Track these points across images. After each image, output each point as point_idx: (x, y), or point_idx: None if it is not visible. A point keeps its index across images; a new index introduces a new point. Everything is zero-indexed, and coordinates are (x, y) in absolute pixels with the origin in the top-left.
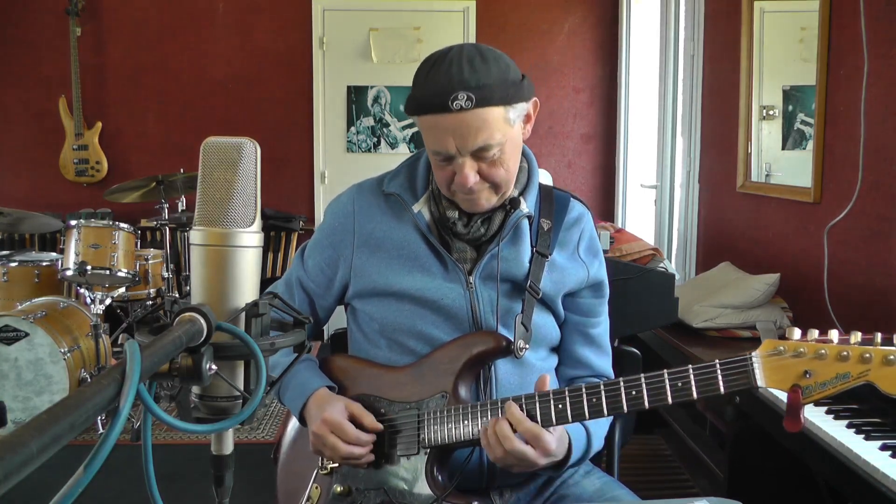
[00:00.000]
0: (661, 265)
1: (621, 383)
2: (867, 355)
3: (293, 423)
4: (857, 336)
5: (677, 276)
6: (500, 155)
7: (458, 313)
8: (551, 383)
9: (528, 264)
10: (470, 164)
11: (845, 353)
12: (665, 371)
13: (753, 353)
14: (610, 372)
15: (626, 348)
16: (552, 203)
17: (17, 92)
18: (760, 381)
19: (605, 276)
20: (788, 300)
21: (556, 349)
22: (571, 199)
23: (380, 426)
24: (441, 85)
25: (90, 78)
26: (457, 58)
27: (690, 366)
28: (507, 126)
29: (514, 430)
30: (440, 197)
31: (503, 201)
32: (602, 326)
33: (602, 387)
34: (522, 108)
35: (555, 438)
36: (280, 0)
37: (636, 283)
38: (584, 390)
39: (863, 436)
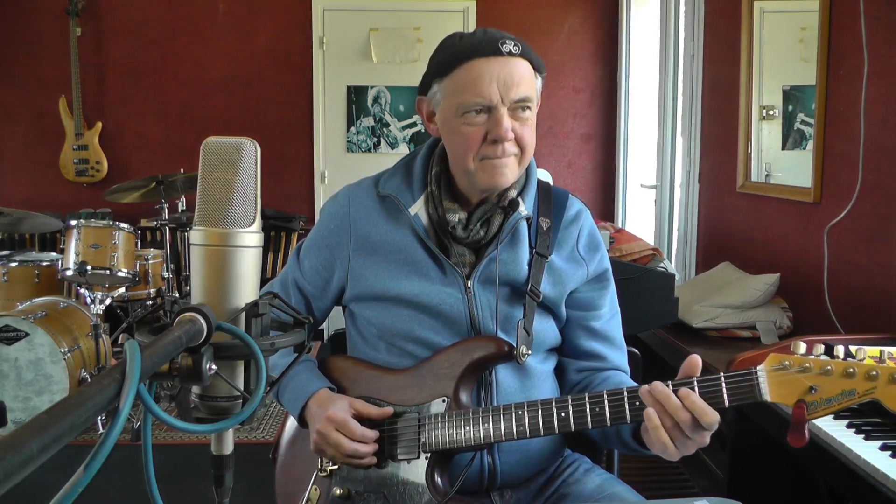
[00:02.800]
0: (661, 265)
1: (625, 393)
2: (874, 373)
3: (292, 424)
4: (863, 352)
5: (677, 276)
6: (531, 116)
7: (457, 318)
8: (550, 388)
9: (527, 267)
10: (507, 117)
11: (851, 369)
12: (669, 382)
13: (759, 367)
14: (624, 366)
15: (627, 348)
16: (550, 201)
17: (17, 92)
18: (766, 396)
19: (607, 266)
20: (788, 300)
21: (553, 351)
22: (570, 196)
23: (390, 411)
24: (487, 35)
25: (90, 78)
26: (487, 29)
27: (695, 378)
28: (536, 91)
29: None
30: (440, 198)
31: (520, 174)
32: (605, 319)
33: (605, 396)
34: (540, 85)
35: None
36: (280, 0)
37: (636, 283)
38: (587, 399)
39: (863, 436)
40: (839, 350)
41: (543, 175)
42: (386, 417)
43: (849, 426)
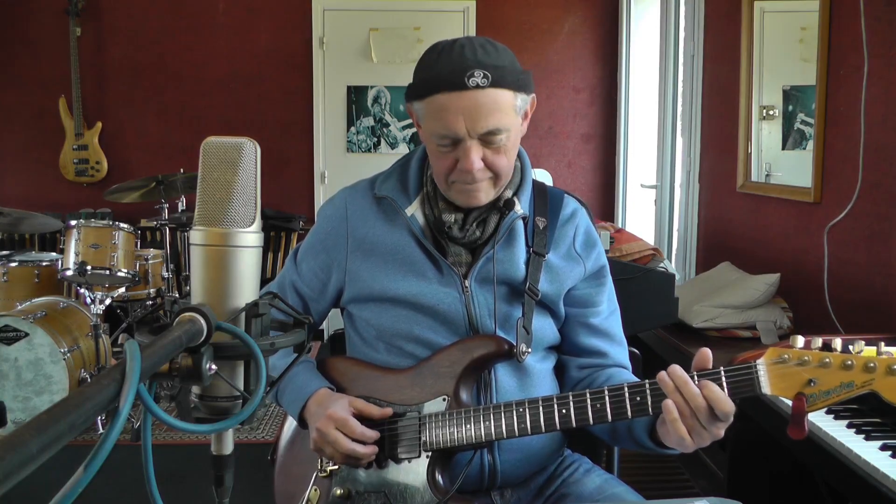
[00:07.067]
0: (661, 265)
1: (625, 389)
2: (871, 364)
3: (291, 424)
4: (860, 345)
5: (677, 276)
6: (505, 142)
7: (455, 318)
8: (550, 387)
9: (524, 266)
10: (476, 148)
11: (849, 361)
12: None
13: (758, 361)
14: (626, 362)
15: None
16: (546, 200)
17: (17, 92)
18: (765, 389)
19: (604, 263)
20: (788, 300)
21: (552, 349)
22: (566, 195)
23: (389, 411)
24: (456, 63)
25: (90, 78)
26: (468, 43)
27: (695, 372)
28: (514, 114)
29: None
30: (435, 199)
31: (497, 195)
32: (604, 315)
33: (606, 391)
34: (526, 100)
35: None
36: (280, 0)
37: (636, 283)
38: (587, 395)
39: (863, 436)
40: (837, 343)
41: (543, 175)
42: (386, 417)
43: (849, 426)
